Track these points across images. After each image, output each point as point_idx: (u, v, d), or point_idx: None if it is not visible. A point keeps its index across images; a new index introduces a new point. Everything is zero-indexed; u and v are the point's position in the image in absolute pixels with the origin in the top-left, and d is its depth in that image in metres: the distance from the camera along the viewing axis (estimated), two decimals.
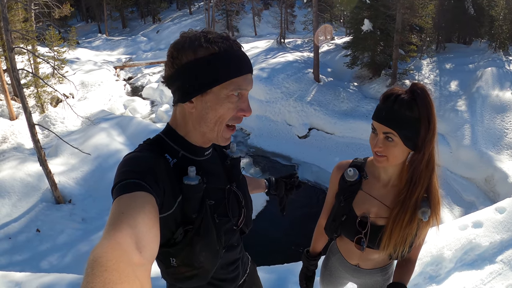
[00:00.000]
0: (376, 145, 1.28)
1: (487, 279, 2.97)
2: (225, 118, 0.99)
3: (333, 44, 19.88)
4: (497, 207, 3.51)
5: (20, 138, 11.98)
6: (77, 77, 17.48)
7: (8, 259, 7.35)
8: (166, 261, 1.01)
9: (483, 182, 10.31)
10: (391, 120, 1.23)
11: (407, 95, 1.23)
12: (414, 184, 1.29)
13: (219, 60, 0.94)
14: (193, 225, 0.99)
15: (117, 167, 0.92)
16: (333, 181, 1.56)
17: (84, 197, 9.16)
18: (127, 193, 0.80)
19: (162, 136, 1.06)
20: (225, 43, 0.96)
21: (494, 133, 11.17)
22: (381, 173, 1.41)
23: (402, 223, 1.31)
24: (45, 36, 15.05)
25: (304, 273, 1.81)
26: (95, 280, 0.54)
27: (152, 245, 0.72)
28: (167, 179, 0.94)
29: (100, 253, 0.60)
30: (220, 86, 0.95)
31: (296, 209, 9.84)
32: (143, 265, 0.65)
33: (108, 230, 0.69)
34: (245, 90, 0.98)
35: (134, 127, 12.21)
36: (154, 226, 0.76)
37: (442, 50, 17.78)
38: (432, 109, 1.22)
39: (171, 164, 0.99)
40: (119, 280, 0.55)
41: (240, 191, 1.20)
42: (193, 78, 0.96)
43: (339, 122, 13.37)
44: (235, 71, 0.95)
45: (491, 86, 12.81)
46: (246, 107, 1.00)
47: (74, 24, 36.27)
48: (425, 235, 1.42)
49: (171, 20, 34.20)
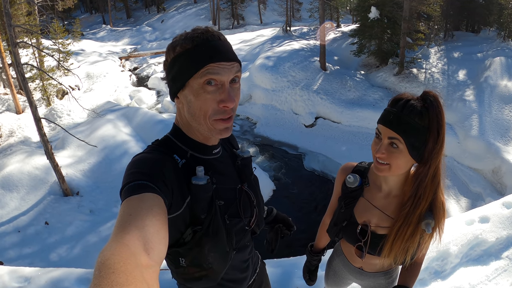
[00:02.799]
0: (379, 150, 1.21)
1: (492, 275, 2.96)
2: (207, 111, 0.97)
3: (340, 32, 19.64)
4: (504, 202, 3.47)
5: (27, 132, 12.06)
6: (83, 69, 17.51)
7: (17, 252, 7.45)
8: (175, 261, 1.01)
9: (490, 173, 10.21)
10: (399, 125, 1.16)
11: (418, 102, 1.17)
12: (419, 198, 1.24)
13: (191, 54, 0.95)
14: (202, 226, 0.98)
15: (126, 168, 0.93)
16: (337, 184, 1.55)
17: (91, 189, 9.23)
18: (135, 195, 0.81)
19: (170, 137, 1.07)
20: (201, 37, 0.96)
21: (502, 124, 11.03)
22: (382, 184, 1.38)
23: (405, 236, 1.28)
24: (49, 29, 15.04)
25: (307, 266, 1.85)
26: (103, 282, 0.54)
27: (160, 246, 0.72)
28: (175, 180, 0.94)
29: (107, 255, 0.60)
30: (192, 78, 0.95)
31: (302, 200, 9.86)
32: (151, 267, 0.65)
33: (116, 232, 0.69)
34: (216, 75, 0.94)
35: (140, 117, 12.22)
36: (162, 228, 0.76)
37: (450, 38, 17.50)
38: (443, 120, 1.17)
39: (179, 165, 1.00)
40: (126, 282, 0.55)
41: (252, 191, 1.19)
42: (171, 74, 0.99)
43: (345, 111, 13.26)
44: (205, 60, 0.94)
45: (500, 76, 12.63)
46: (226, 97, 0.95)
47: (78, 15, 36.30)
48: (428, 246, 1.39)
49: (176, 9, 34.01)
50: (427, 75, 14.31)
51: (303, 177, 11.25)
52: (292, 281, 2.90)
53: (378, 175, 1.37)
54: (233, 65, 0.98)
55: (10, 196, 8.58)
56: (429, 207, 1.27)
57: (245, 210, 1.14)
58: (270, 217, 1.60)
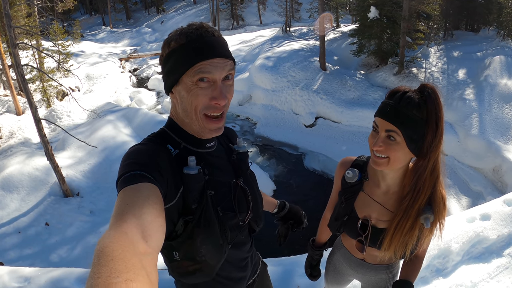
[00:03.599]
0: (376, 143, 1.19)
1: (494, 272, 2.95)
2: (198, 107, 0.97)
3: (339, 32, 19.66)
4: (505, 200, 3.46)
5: (27, 133, 12.07)
6: (82, 70, 17.54)
7: (18, 253, 7.44)
8: (169, 255, 1.02)
9: (491, 172, 10.21)
10: (396, 117, 1.15)
11: (416, 94, 1.16)
12: (418, 192, 1.23)
13: (185, 50, 0.95)
14: (193, 216, 0.99)
15: (121, 159, 0.93)
16: (336, 178, 1.54)
17: (92, 190, 9.22)
18: (132, 185, 0.81)
19: (165, 129, 1.08)
20: (195, 33, 0.96)
21: (503, 123, 11.03)
22: (380, 181, 1.36)
23: (403, 230, 1.28)
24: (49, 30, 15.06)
25: (309, 261, 1.84)
26: (102, 270, 0.54)
27: (157, 234, 0.72)
28: (169, 170, 0.95)
29: (106, 243, 0.61)
30: (185, 74, 0.95)
31: (304, 199, 9.85)
32: (149, 254, 0.65)
33: (114, 221, 0.69)
34: (208, 73, 0.94)
35: (140, 118, 12.22)
36: (160, 216, 0.77)
37: (450, 37, 17.52)
38: (441, 113, 1.15)
39: (173, 155, 1.00)
40: (125, 269, 0.55)
41: (248, 186, 1.18)
42: (166, 69, 1.00)
43: (346, 110, 13.28)
44: (197, 56, 0.94)
45: (500, 75, 12.64)
46: (218, 94, 0.96)
47: (77, 17, 36.35)
48: (428, 241, 1.38)
49: (175, 10, 34.08)
50: (427, 75, 14.31)
51: (303, 177, 11.25)
52: (293, 279, 2.89)
53: (376, 172, 1.36)
54: (226, 63, 0.98)
55: (10, 197, 8.58)
56: (428, 201, 1.26)
57: (240, 205, 1.13)
58: (282, 212, 1.61)
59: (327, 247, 1.83)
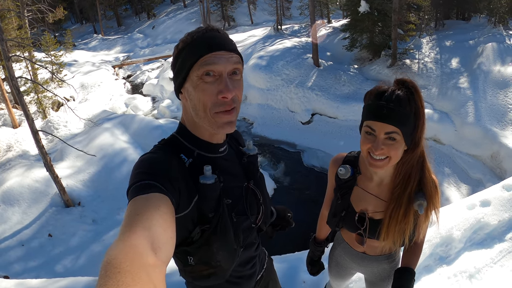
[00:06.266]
0: (377, 147, 1.18)
1: (497, 257, 2.98)
2: (206, 104, 0.96)
3: (331, 28, 19.68)
4: (504, 185, 3.49)
5: (25, 145, 12.04)
6: (77, 80, 17.50)
7: (23, 266, 7.43)
8: (184, 259, 1.01)
9: (489, 159, 10.25)
10: (395, 118, 1.15)
11: (400, 90, 1.18)
12: (408, 179, 1.28)
13: (189, 47, 0.97)
14: (210, 225, 0.99)
15: (132, 168, 0.93)
16: (330, 176, 1.57)
17: (92, 198, 9.21)
18: (142, 195, 0.80)
19: (176, 136, 1.07)
20: (201, 31, 0.98)
21: (498, 109, 11.06)
22: (373, 174, 1.39)
23: (398, 217, 1.31)
24: (41, 41, 15.02)
25: (310, 257, 1.86)
26: (109, 282, 0.54)
27: (167, 246, 0.71)
28: (182, 179, 0.94)
29: (113, 255, 0.60)
30: (192, 70, 0.96)
31: (303, 196, 9.87)
32: (158, 266, 0.64)
33: (122, 232, 0.68)
34: (213, 65, 0.94)
35: (137, 124, 12.20)
36: (170, 227, 0.76)
37: (441, 27, 17.54)
38: (423, 102, 1.20)
39: (186, 164, 1.00)
40: (132, 282, 0.55)
41: (258, 189, 1.19)
42: (175, 70, 1.01)
43: (341, 106, 13.31)
44: (201, 50, 0.95)
45: (493, 62, 12.67)
46: (224, 87, 0.94)
47: (68, 26, 36.20)
48: (426, 227, 1.42)
49: (166, 15, 33.98)
50: (420, 65, 14.35)
51: (302, 173, 11.27)
52: (298, 275, 2.91)
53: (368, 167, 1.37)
54: (231, 55, 0.97)
55: (12, 211, 8.56)
56: (419, 187, 1.30)
57: (251, 208, 1.15)
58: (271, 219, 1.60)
59: (329, 242, 1.85)
